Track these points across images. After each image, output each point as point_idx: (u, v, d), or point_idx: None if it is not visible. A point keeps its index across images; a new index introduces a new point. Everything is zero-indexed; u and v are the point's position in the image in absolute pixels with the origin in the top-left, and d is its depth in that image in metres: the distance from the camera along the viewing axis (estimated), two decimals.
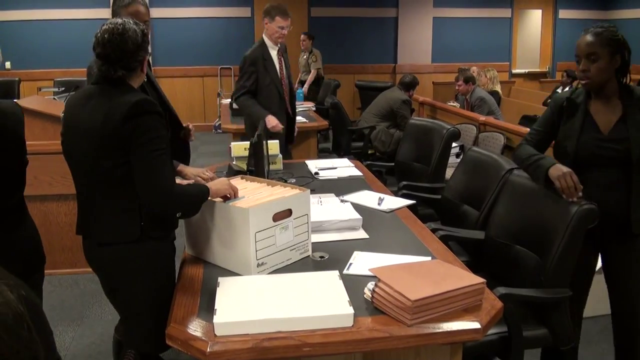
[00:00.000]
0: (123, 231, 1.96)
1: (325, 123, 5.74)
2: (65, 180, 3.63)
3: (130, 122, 1.86)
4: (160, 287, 2.04)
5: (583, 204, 2.13)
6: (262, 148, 2.94)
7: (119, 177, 1.91)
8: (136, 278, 2.01)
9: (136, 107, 1.87)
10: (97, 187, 1.96)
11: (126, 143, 1.87)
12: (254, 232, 1.98)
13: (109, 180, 1.92)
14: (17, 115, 2.06)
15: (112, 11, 2.68)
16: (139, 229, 1.96)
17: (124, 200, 1.94)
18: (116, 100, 1.90)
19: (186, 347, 1.65)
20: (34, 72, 8.98)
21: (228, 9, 9.75)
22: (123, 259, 1.99)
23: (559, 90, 7.79)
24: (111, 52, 1.91)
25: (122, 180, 1.91)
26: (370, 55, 10.17)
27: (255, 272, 2.01)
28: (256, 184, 2.39)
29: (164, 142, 1.93)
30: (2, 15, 8.91)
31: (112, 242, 1.97)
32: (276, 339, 1.63)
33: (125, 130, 1.86)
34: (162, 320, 1.84)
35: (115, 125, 1.86)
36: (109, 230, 1.97)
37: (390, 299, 1.70)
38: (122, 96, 1.91)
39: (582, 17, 10.84)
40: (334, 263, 2.13)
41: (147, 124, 1.89)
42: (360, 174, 3.51)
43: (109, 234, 1.97)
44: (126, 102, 1.87)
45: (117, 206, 1.95)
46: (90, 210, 2.01)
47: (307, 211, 2.18)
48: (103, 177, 1.93)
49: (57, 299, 3.69)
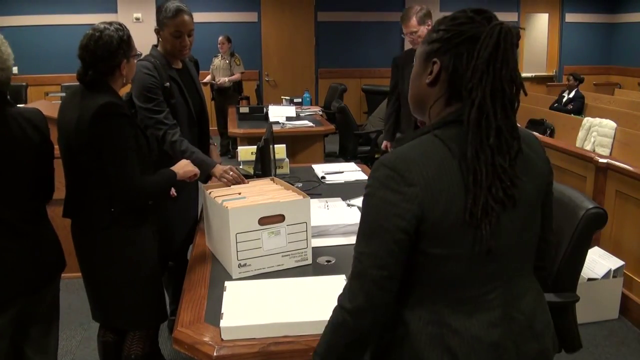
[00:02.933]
0: (96, 218, 2.16)
1: (332, 127, 5.74)
2: None
3: (98, 124, 2.04)
4: (131, 271, 2.23)
5: (591, 208, 2.12)
6: (269, 152, 2.94)
7: (92, 169, 2.10)
8: (106, 261, 2.20)
9: (102, 109, 2.04)
10: (76, 177, 2.19)
11: (95, 141, 2.06)
12: (235, 233, 2.01)
13: (85, 172, 2.13)
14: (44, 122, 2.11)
15: (158, 21, 2.76)
16: (110, 216, 2.14)
17: (97, 190, 2.13)
18: (88, 101, 2.08)
19: (193, 351, 1.65)
20: (42, 77, 9.05)
21: (235, 14, 9.77)
22: (96, 243, 2.19)
23: (565, 94, 7.77)
24: (86, 56, 2.11)
25: (95, 172, 2.10)
26: (376, 59, 10.15)
27: (237, 272, 2.05)
28: (276, 186, 2.43)
29: (128, 141, 2.11)
30: (9, 20, 9.00)
31: (87, 228, 2.20)
32: (283, 343, 1.63)
33: (94, 130, 2.04)
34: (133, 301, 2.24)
35: (85, 126, 2.05)
36: (85, 216, 2.19)
37: None
38: (93, 98, 2.08)
39: (589, 21, 10.83)
40: (340, 267, 2.13)
41: (113, 126, 2.06)
42: (367, 178, 3.50)
43: (85, 220, 2.20)
44: (94, 105, 2.05)
45: (92, 195, 2.15)
46: (72, 197, 2.23)
47: (306, 219, 2.15)
48: (80, 169, 2.15)
49: (64, 303, 3.66)
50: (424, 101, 1.30)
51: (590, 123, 5.59)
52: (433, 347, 1.20)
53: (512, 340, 1.23)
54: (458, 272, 1.19)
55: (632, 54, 10.40)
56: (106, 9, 9.06)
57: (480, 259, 1.19)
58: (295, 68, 10.16)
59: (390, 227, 1.16)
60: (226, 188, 2.43)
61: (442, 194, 1.15)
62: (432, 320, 1.21)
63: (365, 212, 1.22)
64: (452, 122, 1.21)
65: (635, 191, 3.51)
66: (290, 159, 3.75)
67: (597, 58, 10.89)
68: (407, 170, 1.16)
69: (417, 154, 1.18)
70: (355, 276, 1.22)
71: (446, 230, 1.16)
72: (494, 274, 1.23)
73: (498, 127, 1.15)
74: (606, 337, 3.30)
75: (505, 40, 1.14)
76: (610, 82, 10.77)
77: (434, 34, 1.26)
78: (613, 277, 3.47)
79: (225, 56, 8.01)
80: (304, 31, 10.09)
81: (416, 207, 1.15)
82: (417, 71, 1.32)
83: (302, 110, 6.60)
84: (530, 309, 1.28)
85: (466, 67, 1.18)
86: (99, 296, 2.31)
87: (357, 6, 10.05)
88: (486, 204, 1.15)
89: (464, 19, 1.22)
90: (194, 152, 2.65)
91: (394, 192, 1.16)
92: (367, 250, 1.20)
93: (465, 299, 1.21)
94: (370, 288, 1.19)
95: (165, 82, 2.72)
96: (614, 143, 5.26)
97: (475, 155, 1.15)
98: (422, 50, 1.29)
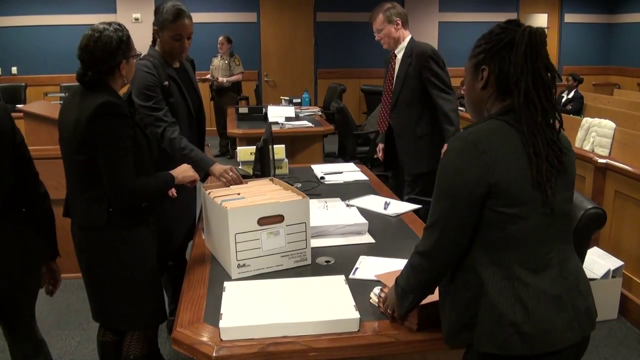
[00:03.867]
0: (93, 217, 2.15)
1: (331, 127, 5.74)
2: None
3: (95, 123, 2.04)
4: (129, 271, 2.22)
5: (590, 208, 2.12)
6: (268, 152, 2.94)
7: (90, 169, 2.09)
8: (104, 261, 2.20)
9: (100, 109, 2.04)
10: (75, 177, 2.18)
11: (92, 140, 2.06)
12: (234, 233, 2.01)
13: (83, 172, 2.13)
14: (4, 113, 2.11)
15: (157, 22, 2.75)
16: (106, 216, 2.13)
17: (94, 190, 2.12)
18: (87, 101, 2.08)
19: (192, 352, 1.65)
20: (40, 77, 9.04)
21: (234, 14, 9.78)
22: (93, 242, 2.19)
23: (564, 94, 7.77)
24: (85, 57, 2.10)
25: (93, 172, 2.09)
26: (376, 59, 10.12)
27: (236, 273, 2.05)
28: (275, 186, 2.43)
29: (126, 142, 2.10)
30: (8, 20, 8.98)
31: (85, 227, 2.19)
32: (282, 344, 1.62)
33: (91, 130, 2.05)
34: (131, 301, 2.24)
35: (84, 125, 2.05)
36: (83, 215, 2.18)
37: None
38: (92, 98, 2.07)
39: (588, 21, 10.84)
40: (339, 268, 2.13)
41: (110, 125, 2.06)
42: (366, 179, 3.51)
43: (83, 219, 2.19)
44: (92, 104, 2.04)
45: (90, 195, 2.14)
46: (72, 197, 2.24)
47: (305, 219, 2.15)
48: (78, 168, 2.14)
49: (63, 303, 3.70)
50: (479, 103, 1.55)
51: (589, 123, 5.58)
52: (506, 298, 1.41)
53: (568, 295, 1.46)
54: (526, 230, 1.42)
55: (631, 54, 10.41)
56: (105, 9, 9.07)
57: (543, 219, 1.43)
58: (294, 68, 10.17)
59: (467, 187, 1.40)
60: (225, 188, 2.43)
61: (509, 162, 1.40)
62: (505, 276, 1.43)
63: (443, 179, 1.47)
64: (508, 111, 1.46)
65: (635, 191, 3.51)
66: (289, 159, 3.75)
67: (596, 58, 10.90)
68: (479, 141, 1.41)
69: (486, 130, 1.44)
70: (429, 226, 1.49)
71: (515, 192, 1.40)
72: (552, 235, 1.46)
73: (543, 108, 1.42)
74: (605, 337, 3.30)
75: (535, 38, 1.42)
76: (609, 83, 10.78)
77: (477, 48, 1.52)
78: (612, 277, 3.47)
79: (225, 56, 8.01)
80: (303, 31, 10.09)
81: (487, 170, 1.39)
82: (469, 81, 1.57)
83: (301, 111, 6.60)
84: (575, 271, 1.52)
85: (509, 65, 1.44)
86: (98, 296, 2.30)
87: (356, 6, 10.04)
88: (546, 170, 1.40)
89: (498, 29, 1.49)
90: (192, 150, 2.65)
91: (469, 159, 1.40)
92: (442, 205, 1.46)
93: (531, 258, 1.43)
94: (440, 236, 1.46)
95: (164, 81, 2.73)
96: (613, 143, 5.25)
97: (530, 132, 1.41)
98: (470, 63, 1.55)
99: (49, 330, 3.34)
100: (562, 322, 1.43)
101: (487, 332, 1.42)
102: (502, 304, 1.41)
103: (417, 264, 1.54)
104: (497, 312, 1.41)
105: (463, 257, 1.49)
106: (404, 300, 1.61)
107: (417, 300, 1.60)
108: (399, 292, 1.62)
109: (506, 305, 1.41)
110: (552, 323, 1.42)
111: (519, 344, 1.40)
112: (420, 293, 1.59)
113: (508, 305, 1.41)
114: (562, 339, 1.43)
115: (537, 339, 1.40)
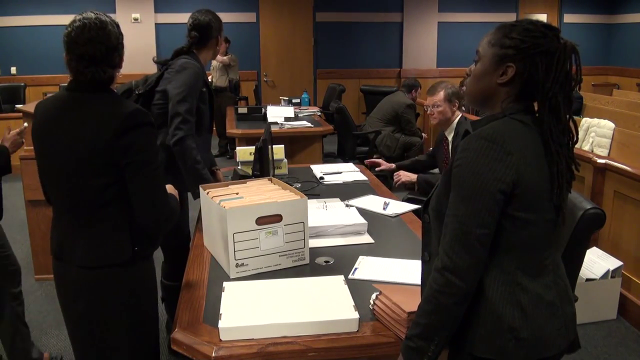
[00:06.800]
0: (113, 252, 1.78)
1: (330, 128, 5.74)
2: None
3: (126, 137, 1.68)
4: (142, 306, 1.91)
5: (589, 209, 2.12)
6: (267, 153, 2.94)
7: (110, 195, 1.74)
8: (113, 300, 1.82)
9: (132, 119, 1.70)
10: (84, 206, 1.76)
11: (120, 159, 1.70)
12: (232, 233, 2.01)
13: (99, 200, 1.74)
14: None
15: (216, 29, 2.95)
16: (131, 248, 1.79)
17: (114, 220, 1.77)
18: (105, 110, 1.71)
19: (191, 352, 1.64)
20: (40, 77, 9.03)
21: (233, 14, 9.77)
22: (111, 282, 1.80)
23: None
24: (96, 51, 1.71)
25: (114, 198, 1.75)
26: (375, 60, 10.17)
27: (234, 272, 2.05)
28: (274, 186, 2.43)
29: (158, 156, 1.84)
30: (8, 20, 8.98)
31: (98, 266, 1.78)
32: (281, 344, 1.62)
33: (120, 145, 1.68)
34: (141, 353, 1.92)
35: (108, 140, 1.67)
36: (97, 252, 1.77)
37: (388, 310, 1.70)
38: (112, 106, 1.73)
39: (587, 22, 10.84)
40: (339, 268, 2.13)
41: (144, 138, 1.73)
42: (365, 179, 3.51)
43: (96, 256, 1.78)
44: (119, 114, 1.70)
45: (107, 226, 1.77)
46: (73, 232, 1.81)
47: (304, 219, 2.16)
48: (92, 196, 1.74)
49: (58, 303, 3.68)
50: (491, 97, 1.47)
51: (588, 124, 5.59)
52: (506, 302, 1.39)
53: (559, 301, 1.45)
54: (534, 236, 1.40)
55: (631, 55, 10.41)
56: (104, 10, 8.95)
57: (551, 225, 1.42)
58: (293, 68, 10.16)
59: (492, 189, 1.33)
60: (224, 188, 2.43)
61: (533, 164, 1.37)
62: (506, 281, 1.39)
63: (465, 179, 1.36)
64: (523, 111, 1.42)
65: (634, 191, 3.51)
66: (288, 159, 3.75)
67: (595, 59, 10.89)
68: (504, 141, 1.34)
69: (508, 129, 1.38)
70: (457, 237, 1.35)
71: (535, 196, 1.37)
72: (552, 242, 1.46)
73: (565, 119, 1.40)
74: (604, 337, 3.30)
75: (576, 57, 1.40)
76: (608, 83, 10.78)
77: (507, 40, 1.41)
78: (611, 277, 3.48)
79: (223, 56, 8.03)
80: (302, 32, 10.09)
81: (514, 172, 1.33)
82: (486, 70, 1.46)
83: (301, 111, 6.60)
84: (564, 277, 1.51)
85: (545, 77, 1.38)
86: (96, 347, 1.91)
87: (356, 7, 10.06)
88: (564, 176, 1.40)
89: (537, 32, 1.39)
90: (204, 167, 2.73)
91: (495, 159, 1.33)
92: (469, 211, 1.34)
93: (532, 263, 1.42)
94: (474, 245, 1.34)
95: (202, 88, 2.81)
96: (612, 143, 5.26)
97: (551, 138, 1.38)
98: (493, 52, 1.43)
99: (49, 330, 3.34)
100: (554, 329, 1.43)
101: (485, 336, 1.40)
102: (502, 308, 1.39)
103: (446, 283, 1.35)
104: (496, 316, 1.39)
105: None
106: (424, 351, 1.40)
107: (444, 343, 1.41)
108: (413, 347, 1.41)
109: (506, 310, 1.39)
110: (545, 329, 1.41)
111: (516, 351, 1.38)
112: (448, 328, 1.40)
113: (507, 310, 1.39)
114: (553, 345, 1.43)
115: (532, 345, 1.39)
